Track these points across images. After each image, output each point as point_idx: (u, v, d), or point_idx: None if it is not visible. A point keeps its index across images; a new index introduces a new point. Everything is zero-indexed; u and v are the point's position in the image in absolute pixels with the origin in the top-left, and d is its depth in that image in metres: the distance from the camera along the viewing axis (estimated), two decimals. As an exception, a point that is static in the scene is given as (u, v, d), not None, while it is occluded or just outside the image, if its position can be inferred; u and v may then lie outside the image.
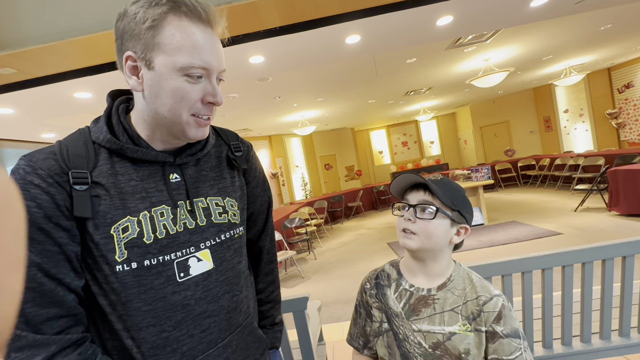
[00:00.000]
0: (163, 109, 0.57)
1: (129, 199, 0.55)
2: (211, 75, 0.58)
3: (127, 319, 0.55)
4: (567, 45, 5.00)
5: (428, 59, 4.63)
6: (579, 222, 4.48)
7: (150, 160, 0.59)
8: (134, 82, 0.57)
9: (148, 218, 0.56)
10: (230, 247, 0.65)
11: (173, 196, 0.59)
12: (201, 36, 0.55)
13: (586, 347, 1.33)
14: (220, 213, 0.64)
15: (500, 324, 0.67)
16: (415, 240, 0.70)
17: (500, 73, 4.95)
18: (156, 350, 0.56)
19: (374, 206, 8.74)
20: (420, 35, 2.97)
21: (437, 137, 12.20)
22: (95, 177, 0.55)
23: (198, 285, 0.59)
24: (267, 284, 0.82)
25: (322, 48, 2.90)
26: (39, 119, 3.66)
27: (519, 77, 7.08)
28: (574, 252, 1.23)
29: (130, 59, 0.56)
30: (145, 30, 0.53)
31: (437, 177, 0.75)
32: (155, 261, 0.55)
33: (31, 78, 2.34)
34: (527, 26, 3.82)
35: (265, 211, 0.81)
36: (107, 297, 0.55)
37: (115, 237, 0.53)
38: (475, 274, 0.75)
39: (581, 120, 8.28)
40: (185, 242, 0.59)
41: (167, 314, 0.56)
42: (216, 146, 0.70)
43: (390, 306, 0.75)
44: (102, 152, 0.57)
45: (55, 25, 2.02)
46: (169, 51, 0.54)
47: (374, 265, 3.80)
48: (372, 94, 6.34)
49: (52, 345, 0.48)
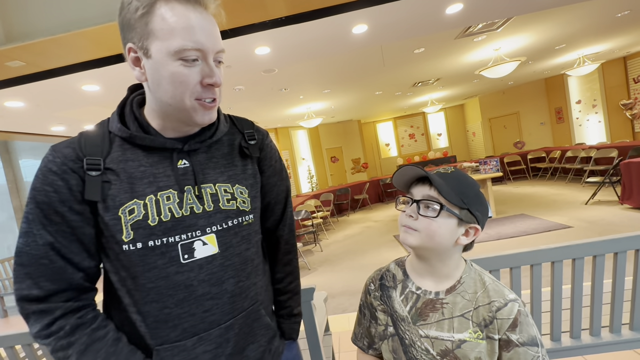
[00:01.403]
0: (166, 97, 0.58)
1: (137, 184, 0.59)
2: (207, 57, 0.57)
3: (134, 294, 0.59)
4: (581, 33, 4.85)
5: (436, 49, 4.53)
6: (590, 215, 4.41)
7: (159, 147, 0.61)
8: (137, 73, 0.59)
9: (154, 201, 0.59)
10: (238, 234, 0.66)
11: (180, 181, 0.61)
12: (192, 17, 0.55)
13: (595, 340, 1.32)
14: (228, 199, 0.65)
15: (516, 331, 0.61)
16: (415, 236, 0.65)
17: (511, 63, 4.83)
18: (158, 324, 0.59)
19: (380, 199, 8.72)
20: (429, 24, 2.90)
21: (445, 129, 12.04)
22: (107, 163, 0.59)
23: (202, 267, 0.61)
24: (286, 274, 0.81)
25: (328, 38, 2.86)
26: (48, 111, 3.71)
27: (530, 67, 6.90)
28: (585, 245, 1.21)
29: (132, 50, 0.57)
30: (138, 19, 0.55)
31: (447, 170, 0.68)
32: (159, 242, 0.58)
33: (40, 71, 2.36)
34: (540, 14, 3.70)
35: (282, 201, 0.79)
36: (117, 274, 0.60)
37: (122, 219, 0.57)
38: (488, 275, 0.68)
39: (594, 112, 8.07)
40: (191, 226, 0.60)
41: (170, 292, 0.59)
42: (229, 134, 0.70)
43: (395, 309, 0.70)
44: (116, 141, 0.61)
45: (63, 17, 2.02)
46: (161, 37, 0.54)
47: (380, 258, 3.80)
48: (379, 86, 6.26)
49: (57, 310, 0.56)
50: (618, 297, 1.28)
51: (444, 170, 0.68)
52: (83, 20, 2.00)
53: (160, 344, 0.60)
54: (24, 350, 1.39)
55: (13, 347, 1.38)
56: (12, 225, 6.31)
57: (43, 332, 0.55)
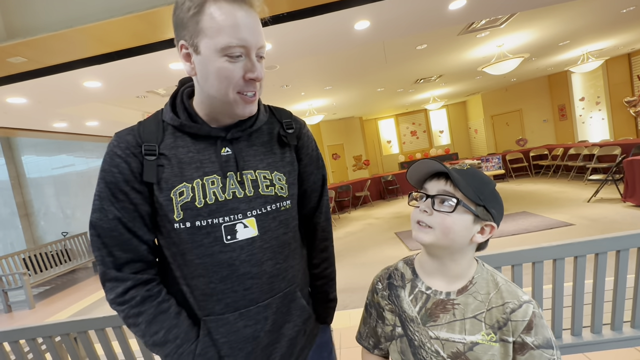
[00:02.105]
0: (212, 90, 0.63)
1: (186, 168, 0.65)
2: (250, 53, 0.61)
3: (183, 268, 0.66)
4: (585, 29, 4.80)
5: (439, 46, 4.50)
6: (592, 213, 4.39)
7: (204, 135, 0.67)
8: (188, 68, 0.65)
9: (200, 185, 0.64)
10: (276, 218, 0.69)
11: (223, 167, 0.66)
12: (238, 16, 0.59)
13: (597, 337, 1.32)
14: (267, 185, 0.69)
15: (531, 334, 0.60)
16: (430, 234, 0.63)
17: (514, 59, 4.80)
18: (205, 297, 0.66)
19: (381, 196, 8.71)
20: (432, 20, 2.88)
21: (447, 126, 11.99)
22: (161, 149, 0.65)
23: (243, 248, 0.66)
24: (322, 261, 0.84)
25: (330, 34, 2.84)
26: (50, 108, 3.71)
27: (534, 63, 6.85)
28: (587, 243, 1.21)
29: (183, 47, 0.63)
30: (190, 18, 0.60)
31: (462, 166, 0.67)
32: (205, 223, 0.64)
33: (42, 67, 2.36)
34: (544, 9, 3.67)
35: (318, 189, 0.82)
36: (170, 250, 0.67)
37: (173, 200, 0.63)
38: (500, 275, 0.66)
39: (597, 109, 8.01)
40: (233, 209, 0.65)
41: (215, 268, 0.65)
42: (269, 123, 0.75)
43: (404, 310, 0.68)
44: (168, 129, 0.68)
45: (64, 13, 2.02)
46: (210, 35, 0.59)
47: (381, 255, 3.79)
48: (381, 82, 6.24)
49: (128, 281, 0.64)
50: (620, 294, 1.28)
51: (459, 167, 0.67)
52: (85, 17, 1.99)
53: (207, 315, 0.66)
54: (27, 344, 1.40)
55: (17, 341, 1.39)
56: (14, 221, 6.34)
57: (118, 300, 0.64)
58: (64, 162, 6.37)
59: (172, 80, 3.38)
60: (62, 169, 6.38)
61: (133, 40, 2.23)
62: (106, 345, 1.38)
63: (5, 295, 4.45)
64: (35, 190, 6.48)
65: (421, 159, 0.66)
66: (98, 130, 5.20)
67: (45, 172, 6.43)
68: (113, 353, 1.39)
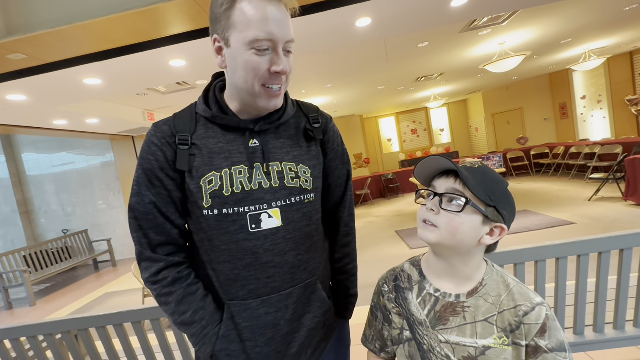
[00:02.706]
0: (240, 82, 0.66)
1: (215, 158, 0.68)
2: (277, 46, 0.63)
3: (210, 253, 0.69)
4: (587, 27, 4.77)
5: (440, 43, 4.48)
6: (593, 211, 4.38)
7: (234, 126, 0.70)
8: (219, 61, 0.68)
9: (228, 175, 0.67)
10: (300, 210, 0.71)
11: (250, 158, 0.69)
12: (267, 10, 0.61)
13: (599, 336, 1.32)
14: (292, 178, 0.70)
15: (545, 337, 0.58)
16: (436, 233, 0.61)
17: (516, 57, 4.77)
18: (229, 282, 0.69)
19: (382, 194, 8.71)
20: (434, 17, 2.86)
21: (448, 124, 11.96)
22: (194, 139, 0.69)
23: (267, 238, 0.68)
24: (344, 256, 0.84)
25: (331, 32, 2.82)
26: (50, 105, 3.70)
27: (535, 61, 6.82)
28: (591, 241, 1.20)
29: (216, 40, 0.66)
30: (223, 13, 0.63)
31: (474, 164, 0.63)
32: (231, 211, 0.67)
33: (41, 64, 2.35)
34: (546, 7, 3.64)
35: (343, 184, 0.83)
36: (199, 235, 0.70)
37: (203, 188, 0.66)
38: (511, 277, 0.65)
39: (599, 107, 7.99)
40: (258, 199, 0.68)
41: (239, 255, 0.68)
42: (296, 117, 0.77)
43: (412, 313, 0.66)
44: (201, 120, 0.71)
45: (64, 9, 2.00)
46: (240, 28, 0.62)
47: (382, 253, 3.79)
48: (382, 80, 6.22)
49: (161, 262, 0.68)
50: (623, 294, 1.28)
51: (470, 164, 0.64)
52: (84, 13, 1.98)
53: (231, 300, 0.70)
54: (28, 342, 1.40)
55: (18, 339, 1.39)
56: (15, 218, 6.34)
57: (151, 279, 0.68)
58: (64, 160, 6.37)
59: (173, 77, 3.37)
60: (62, 166, 6.38)
61: (133, 37, 2.21)
62: (107, 343, 1.37)
63: (6, 293, 4.46)
64: (35, 188, 6.48)
65: (430, 156, 0.63)
66: (98, 128, 5.19)
67: (46, 169, 6.43)
68: (114, 350, 1.39)
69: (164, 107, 5.25)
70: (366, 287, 3.52)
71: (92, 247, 5.99)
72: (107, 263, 6.23)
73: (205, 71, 3.32)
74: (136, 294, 4.22)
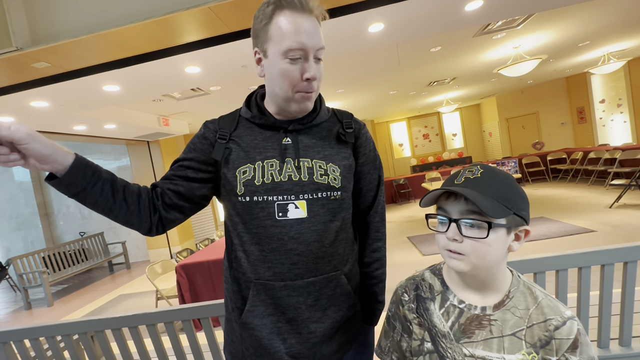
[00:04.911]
0: (276, 89, 0.74)
1: (251, 152, 0.76)
2: (308, 55, 0.70)
3: (242, 235, 0.77)
4: (606, 29, 4.65)
5: (454, 48, 4.44)
6: (615, 219, 4.22)
7: (270, 125, 0.78)
8: (259, 70, 0.76)
9: (260, 167, 0.75)
10: (325, 206, 0.75)
11: (282, 153, 0.76)
12: (299, 23, 0.68)
13: (625, 351, 1.26)
14: (321, 174, 0.75)
15: (577, 353, 0.56)
16: (466, 262, 0.58)
17: (531, 61, 4.68)
18: (258, 263, 0.75)
19: (393, 200, 8.62)
20: (447, 21, 2.84)
21: (460, 129, 11.80)
22: (233, 136, 0.79)
23: (292, 226, 0.73)
24: (373, 260, 0.86)
25: (343, 37, 2.84)
26: (71, 111, 3.83)
27: (552, 65, 6.68)
28: (616, 250, 1.15)
29: (257, 52, 0.75)
30: (262, 28, 0.71)
31: (475, 173, 0.59)
32: (261, 199, 0.73)
33: (64, 72, 2.44)
34: (563, 9, 3.57)
35: (374, 189, 0.86)
36: (232, 220, 0.79)
37: (237, 177, 0.75)
38: (538, 288, 0.62)
39: (619, 111, 7.74)
40: (287, 190, 0.74)
41: (266, 240, 0.74)
42: (330, 121, 0.82)
43: (435, 324, 0.64)
44: (242, 121, 0.81)
45: (86, 19, 2.08)
46: (275, 41, 0.69)
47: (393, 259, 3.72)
48: (394, 85, 6.19)
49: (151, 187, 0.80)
50: (651, 306, 1.22)
51: (472, 175, 0.59)
52: (104, 23, 2.05)
53: (257, 279, 0.75)
54: (47, 342, 1.43)
55: (37, 339, 1.42)
56: (35, 221, 6.55)
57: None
58: (82, 164, 6.55)
59: (188, 84, 3.44)
60: (80, 170, 6.55)
61: (151, 45, 2.27)
62: (122, 345, 1.39)
63: (26, 293, 4.59)
64: (55, 191, 6.69)
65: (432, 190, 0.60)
66: (115, 133, 5.33)
67: (65, 173, 6.62)
68: (128, 352, 1.41)
69: (179, 113, 5.35)
70: (379, 293, 3.33)
71: (107, 250, 6.12)
72: (121, 265, 6.36)
73: (218, 77, 3.37)
74: (149, 297, 4.28)
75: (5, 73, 2.33)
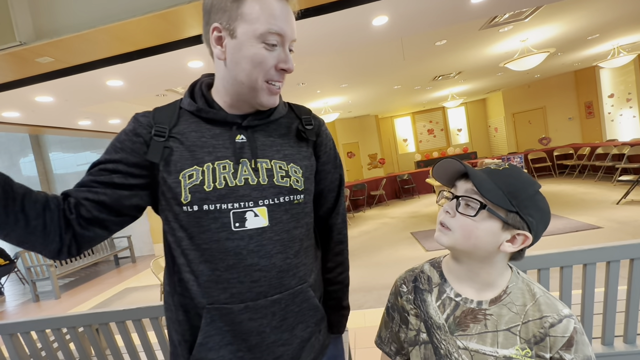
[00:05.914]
0: (242, 75, 0.64)
1: (197, 152, 0.64)
2: (285, 43, 0.64)
3: (189, 253, 0.64)
4: (616, 22, 4.55)
5: (459, 41, 4.38)
6: (622, 215, 4.17)
7: (220, 120, 0.67)
8: (218, 51, 0.65)
9: (211, 169, 0.64)
10: (288, 211, 0.67)
11: (236, 153, 0.66)
12: (277, 6, 0.61)
13: (630, 348, 1.24)
14: (282, 176, 0.67)
15: (571, 351, 0.56)
16: (449, 236, 0.60)
17: (539, 55, 4.60)
18: (210, 284, 0.63)
19: (397, 195, 8.60)
20: (453, 14, 2.79)
21: (465, 124, 11.69)
22: (173, 132, 0.66)
23: (252, 238, 0.63)
24: (336, 265, 0.81)
25: (347, 31, 2.80)
26: (75, 106, 3.85)
27: (560, 58, 6.56)
28: (622, 247, 1.13)
29: (216, 29, 0.63)
30: (230, 3, 0.61)
31: (499, 166, 0.60)
32: (212, 207, 0.63)
33: (67, 66, 2.44)
34: (572, 1, 3.50)
35: (335, 189, 0.80)
36: (174, 235, 0.65)
37: (182, 182, 0.63)
38: (538, 286, 0.62)
39: (628, 106, 7.60)
40: (244, 196, 0.64)
41: (220, 256, 0.63)
42: (288, 117, 0.74)
43: (430, 315, 0.65)
44: (184, 114, 0.69)
45: (89, 13, 2.07)
46: (249, 20, 0.60)
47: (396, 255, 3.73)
48: (398, 80, 6.13)
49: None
50: (657, 303, 1.20)
51: (495, 166, 0.60)
52: (107, 17, 2.04)
53: (211, 303, 0.64)
54: (53, 334, 1.46)
55: (44, 330, 1.44)
56: (43, 215, 6.64)
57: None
58: (88, 159, 6.62)
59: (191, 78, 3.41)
60: (86, 165, 6.62)
61: (153, 39, 2.27)
62: (126, 337, 1.41)
63: (34, 286, 4.68)
64: (61, 186, 6.76)
65: (445, 157, 0.61)
66: (119, 128, 5.35)
67: (71, 168, 6.70)
68: (132, 345, 1.43)
69: (182, 108, 5.36)
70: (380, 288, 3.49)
71: (113, 244, 6.19)
72: (127, 259, 6.43)
73: (222, 72, 3.36)
74: (154, 290, 4.33)
75: (9, 68, 2.34)
